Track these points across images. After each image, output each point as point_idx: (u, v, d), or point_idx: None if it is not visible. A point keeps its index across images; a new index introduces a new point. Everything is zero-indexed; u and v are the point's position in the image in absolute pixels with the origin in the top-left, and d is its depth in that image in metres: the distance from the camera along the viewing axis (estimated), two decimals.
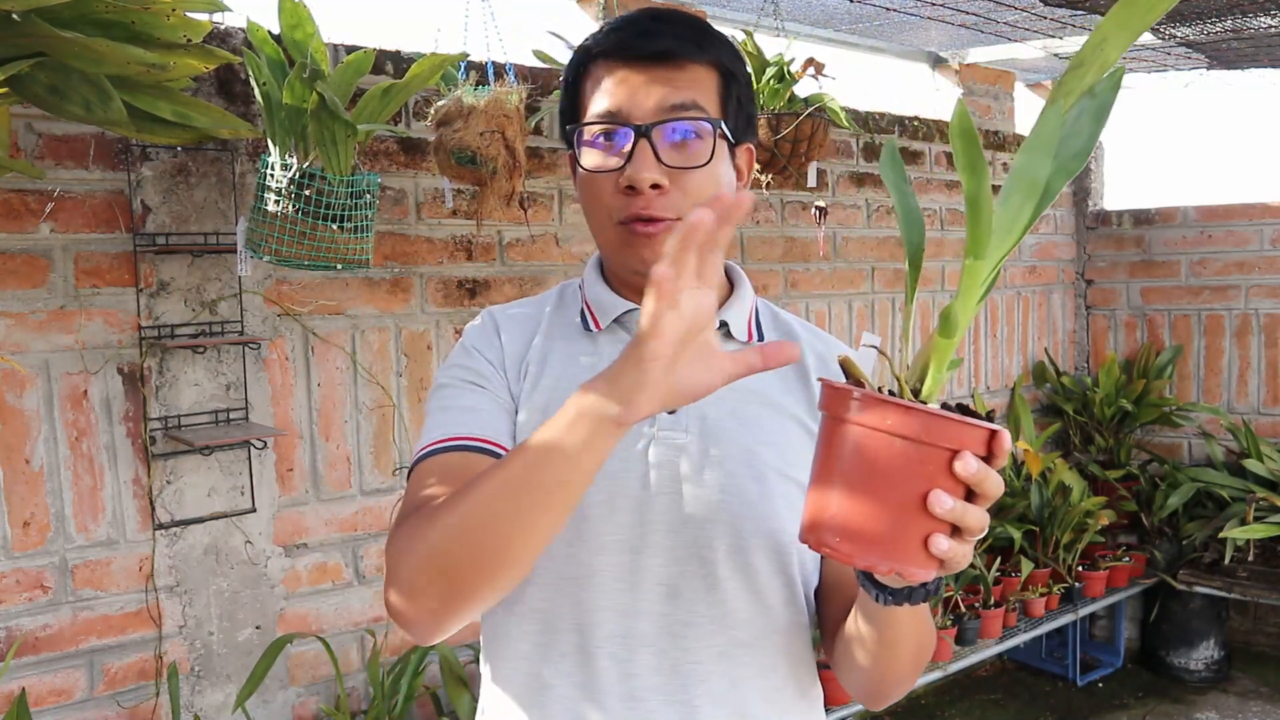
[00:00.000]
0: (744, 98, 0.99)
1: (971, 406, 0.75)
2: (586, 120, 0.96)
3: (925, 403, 0.72)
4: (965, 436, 0.69)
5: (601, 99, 0.94)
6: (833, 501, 0.72)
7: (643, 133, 0.92)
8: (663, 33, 0.94)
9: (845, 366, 0.76)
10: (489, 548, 0.79)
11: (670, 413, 0.95)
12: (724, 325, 1.02)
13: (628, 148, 0.92)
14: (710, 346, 0.76)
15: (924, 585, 0.80)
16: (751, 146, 1.03)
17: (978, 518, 0.70)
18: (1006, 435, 0.71)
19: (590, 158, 0.95)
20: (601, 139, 0.95)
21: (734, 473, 0.96)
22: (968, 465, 0.68)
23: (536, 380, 1.00)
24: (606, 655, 0.94)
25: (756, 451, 0.97)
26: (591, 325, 1.02)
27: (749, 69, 1.00)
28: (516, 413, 0.98)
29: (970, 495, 0.71)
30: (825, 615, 1.01)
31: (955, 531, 0.71)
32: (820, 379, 0.76)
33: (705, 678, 0.95)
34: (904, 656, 0.91)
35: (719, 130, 0.95)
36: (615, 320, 1.02)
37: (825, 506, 0.72)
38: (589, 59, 0.97)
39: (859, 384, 0.74)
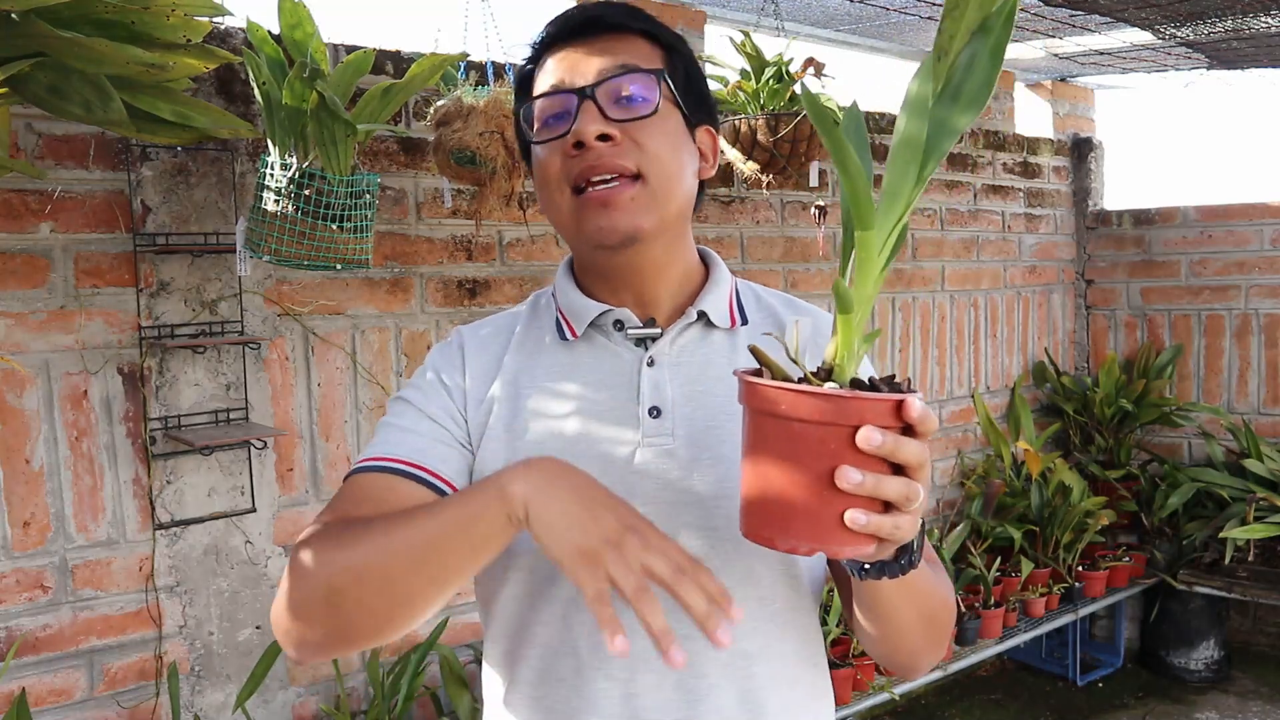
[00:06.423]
0: (693, 75, 0.98)
1: (897, 379, 0.73)
2: (532, 98, 0.96)
3: (830, 381, 0.71)
4: (865, 411, 0.68)
5: (545, 79, 0.95)
6: (754, 489, 0.72)
7: (585, 94, 0.91)
8: (597, 8, 0.96)
9: (754, 354, 0.76)
10: (382, 600, 0.80)
11: (654, 416, 0.94)
12: (702, 315, 0.99)
13: (573, 112, 0.92)
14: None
15: (898, 560, 0.79)
16: (713, 130, 1.01)
17: (897, 488, 0.69)
18: (914, 402, 0.69)
19: (540, 134, 0.95)
20: (549, 116, 0.94)
21: (726, 475, 0.92)
22: (870, 439, 0.67)
23: (514, 403, 0.97)
24: (604, 677, 0.92)
25: None
26: (568, 334, 0.99)
27: (694, 53, 1.00)
28: (472, 442, 0.96)
29: (897, 467, 0.70)
30: (843, 593, 0.99)
31: (888, 506, 0.70)
32: (735, 371, 0.76)
33: (711, 693, 0.92)
34: (907, 626, 0.90)
35: (663, 82, 0.94)
36: (591, 324, 0.99)
37: (749, 495, 0.73)
38: (536, 55, 0.98)
39: (766, 370, 0.74)
